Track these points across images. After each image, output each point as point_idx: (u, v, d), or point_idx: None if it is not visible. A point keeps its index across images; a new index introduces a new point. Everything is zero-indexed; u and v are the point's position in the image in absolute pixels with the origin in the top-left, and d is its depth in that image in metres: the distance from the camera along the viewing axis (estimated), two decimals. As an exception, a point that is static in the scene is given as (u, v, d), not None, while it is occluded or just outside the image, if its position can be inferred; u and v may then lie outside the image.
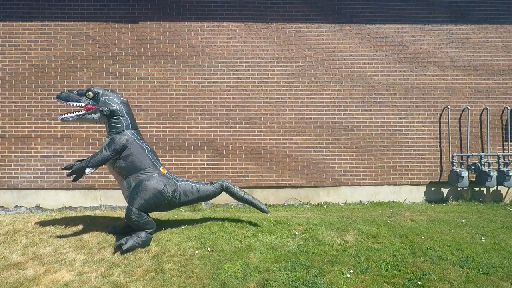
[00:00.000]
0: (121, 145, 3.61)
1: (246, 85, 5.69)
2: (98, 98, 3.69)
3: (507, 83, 5.94)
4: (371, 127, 5.80)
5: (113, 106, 3.70)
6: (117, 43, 5.57)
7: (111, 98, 3.73)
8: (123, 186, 3.74)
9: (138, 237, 3.52)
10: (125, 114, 3.75)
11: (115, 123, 3.70)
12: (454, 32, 5.92)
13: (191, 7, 5.66)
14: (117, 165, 3.64)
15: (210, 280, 2.97)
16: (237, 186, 4.11)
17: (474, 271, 3.10)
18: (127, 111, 3.78)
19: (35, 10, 5.51)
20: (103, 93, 3.73)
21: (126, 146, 3.65)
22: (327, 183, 5.73)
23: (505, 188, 5.88)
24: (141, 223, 3.55)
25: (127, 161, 3.64)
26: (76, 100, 3.65)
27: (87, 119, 3.67)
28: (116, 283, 2.94)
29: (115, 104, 3.71)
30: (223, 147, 5.63)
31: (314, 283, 2.91)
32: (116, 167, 3.65)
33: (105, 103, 3.69)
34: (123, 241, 3.48)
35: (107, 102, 3.70)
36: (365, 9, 5.82)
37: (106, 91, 3.78)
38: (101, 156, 3.54)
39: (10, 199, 5.42)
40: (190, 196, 3.89)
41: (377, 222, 4.24)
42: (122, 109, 3.74)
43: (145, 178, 3.66)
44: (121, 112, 3.72)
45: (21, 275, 3.09)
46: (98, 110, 3.67)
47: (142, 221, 3.56)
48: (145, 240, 3.55)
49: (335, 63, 5.79)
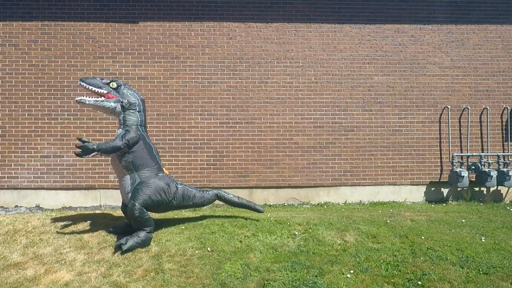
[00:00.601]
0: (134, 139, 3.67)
1: (246, 85, 5.69)
2: (120, 90, 3.78)
3: (507, 83, 5.94)
4: (371, 127, 5.80)
5: (133, 100, 3.80)
6: (117, 43, 5.57)
7: (132, 92, 3.84)
8: (125, 182, 3.72)
9: (138, 237, 3.53)
10: (141, 110, 3.86)
11: (131, 116, 3.76)
12: (454, 32, 5.92)
13: (191, 7, 5.66)
14: (125, 159, 3.65)
15: (210, 280, 2.97)
16: (230, 193, 4.26)
17: (474, 271, 3.10)
18: (143, 108, 3.90)
19: (35, 10, 5.51)
20: (126, 86, 3.86)
21: (138, 141, 3.71)
22: (327, 183, 5.73)
23: (505, 188, 5.88)
24: (142, 219, 3.56)
25: (136, 156, 3.68)
26: (99, 87, 3.71)
27: (105, 106, 3.69)
28: (116, 283, 2.94)
29: (135, 98, 3.81)
30: (223, 147, 5.63)
31: (314, 283, 2.91)
32: (124, 161, 3.66)
33: (126, 96, 3.78)
34: (123, 241, 3.49)
35: (128, 95, 3.79)
36: (365, 9, 5.82)
37: (128, 85, 3.90)
38: (113, 144, 3.56)
39: (10, 199, 5.42)
40: (187, 200, 3.97)
41: (377, 222, 4.24)
42: (140, 105, 3.86)
43: (151, 176, 3.72)
44: (138, 107, 3.83)
45: (21, 275, 3.09)
46: (119, 101, 3.74)
47: (144, 217, 3.57)
48: (145, 240, 3.55)
49: (335, 63, 5.79)
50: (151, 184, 3.65)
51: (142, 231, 3.59)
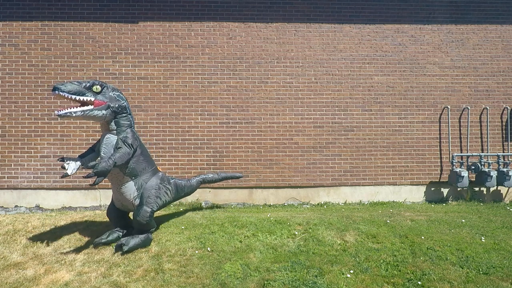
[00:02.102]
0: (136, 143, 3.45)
1: (246, 85, 5.69)
2: (106, 93, 3.37)
3: (507, 83, 5.94)
4: (371, 127, 5.80)
5: (123, 103, 3.48)
6: (117, 43, 5.57)
7: (119, 94, 3.50)
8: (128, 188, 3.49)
9: (139, 238, 3.53)
10: (130, 111, 3.60)
11: (124, 120, 3.47)
12: (454, 32, 5.92)
13: (191, 7, 5.66)
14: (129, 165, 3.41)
15: (210, 280, 2.97)
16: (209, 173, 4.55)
17: (474, 271, 3.10)
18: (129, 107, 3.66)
19: (35, 10, 5.51)
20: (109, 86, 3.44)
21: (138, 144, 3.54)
22: (327, 183, 5.73)
23: (505, 188, 5.88)
24: (150, 223, 3.58)
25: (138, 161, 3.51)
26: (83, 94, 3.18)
27: (95, 115, 3.25)
28: (116, 283, 2.94)
29: (123, 101, 3.50)
30: (223, 147, 5.63)
31: (314, 283, 2.91)
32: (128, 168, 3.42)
33: (114, 99, 3.40)
34: (124, 241, 3.49)
35: (116, 97, 3.42)
36: (365, 9, 5.82)
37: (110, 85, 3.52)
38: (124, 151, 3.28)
39: (10, 199, 5.42)
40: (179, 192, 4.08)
41: (377, 222, 4.24)
42: (128, 106, 3.59)
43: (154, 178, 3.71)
44: (128, 109, 3.56)
45: (21, 275, 3.09)
46: (108, 106, 3.33)
47: (152, 221, 3.61)
48: (145, 240, 3.56)
49: (335, 63, 5.79)
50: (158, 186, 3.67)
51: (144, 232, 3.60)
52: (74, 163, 3.31)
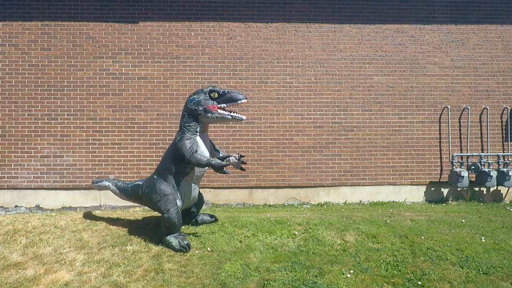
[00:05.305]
0: None
1: (246, 85, 5.69)
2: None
3: (507, 83, 5.94)
4: (371, 127, 5.80)
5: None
6: (117, 43, 5.57)
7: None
8: (197, 189, 3.89)
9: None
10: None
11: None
12: (454, 32, 5.92)
13: (191, 7, 5.66)
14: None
15: (210, 280, 2.97)
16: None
17: (474, 271, 3.10)
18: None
19: (35, 10, 5.51)
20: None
21: None
22: (327, 183, 5.73)
23: (505, 188, 5.88)
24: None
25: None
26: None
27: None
28: (116, 283, 2.94)
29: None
30: (223, 147, 5.62)
31: (314, 283, 2.91)
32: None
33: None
34: (204, 218, 4.20)
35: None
36: (365, 9, 5.82)
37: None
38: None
39: (10, 199, 5.42)
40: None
41: (377, 222, 4.24)
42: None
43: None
44: None
45: (21, 275, 3.09)
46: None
47: None
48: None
49: (335, 63, 5.79)
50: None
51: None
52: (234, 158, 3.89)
